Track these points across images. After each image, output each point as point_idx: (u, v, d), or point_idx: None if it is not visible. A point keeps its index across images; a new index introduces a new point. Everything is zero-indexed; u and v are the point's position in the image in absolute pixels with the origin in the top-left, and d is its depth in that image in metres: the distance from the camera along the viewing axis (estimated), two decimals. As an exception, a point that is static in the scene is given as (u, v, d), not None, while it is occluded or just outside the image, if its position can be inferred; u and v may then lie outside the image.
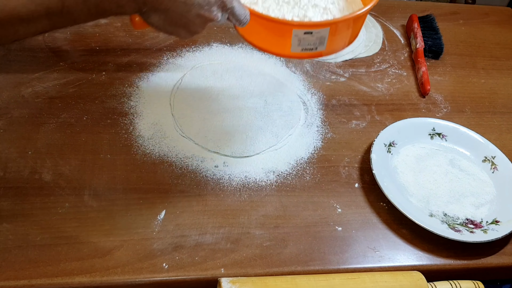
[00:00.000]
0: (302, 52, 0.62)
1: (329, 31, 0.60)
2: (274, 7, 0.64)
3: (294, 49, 0.61)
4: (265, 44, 0.64)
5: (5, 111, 0.76)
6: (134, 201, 0.68)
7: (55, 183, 0.68)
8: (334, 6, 0.66)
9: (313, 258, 0.65)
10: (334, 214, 0.71)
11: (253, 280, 0.57)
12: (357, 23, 0.66)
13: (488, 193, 0.77)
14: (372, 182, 0.75)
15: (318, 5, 0.65)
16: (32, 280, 0.58)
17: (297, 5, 0.64)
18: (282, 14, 0.63)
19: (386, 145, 0.80)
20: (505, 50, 1.10)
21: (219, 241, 0.65)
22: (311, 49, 0.62)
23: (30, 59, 0.86)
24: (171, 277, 0.61)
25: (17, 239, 0.62)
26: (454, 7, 1.24)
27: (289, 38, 0.60)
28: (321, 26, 0.60)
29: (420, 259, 0.68)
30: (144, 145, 0.75)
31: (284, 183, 0.74)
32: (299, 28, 0.59)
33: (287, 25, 0.60)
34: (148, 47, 0.93)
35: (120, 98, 0.82)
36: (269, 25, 0.61)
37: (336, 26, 0.62)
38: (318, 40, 0.61)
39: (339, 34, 0.63)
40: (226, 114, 0.81)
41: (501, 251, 0.70)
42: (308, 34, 0.59)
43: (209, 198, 0.70)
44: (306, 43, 0.60)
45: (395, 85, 0.95)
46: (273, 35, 0.62)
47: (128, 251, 0.63)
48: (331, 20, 0.63)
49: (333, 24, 0.62)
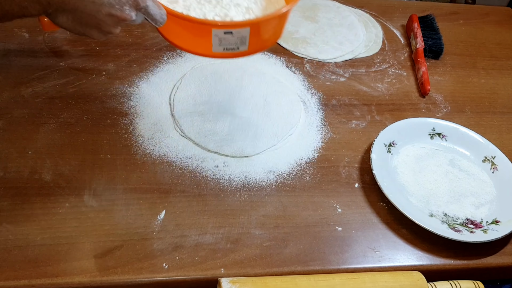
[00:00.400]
0: (224, 52, 0.59)
1: (249, 31, 0.58)
2: (195, 6, 0.62)
3: (216, 49, 0.59)
4: (187, 44, 0.62)
5: (5, 111, 0.76)
6: (134, 201, 0.68)
7: (55, 183, 0.68)
8: (256, 6, 0.64)
9: (313, 258, 0.65)
10: (334, 214, 0.71)
11: (253, 280, 0.57)
12: (278, 22, 0.64)
13: (488, 193, 0.77)
14: (372, 182, 0.75)
15: (240, 5, 0.63)
16: (32, 280, 0.58)
17: (219, 4, 0.63)
18: (203, 13, 0.61)
19: (386, 145, 0.80)
20: (505, 50, 1.10)
21: (219, 241, 0.65)
22: (233, 49, 0.60)
23: (30, 59, 0.86)
24: (171, 277, 0.61)
25: (17, 239, 0.62)
26: (454, 7, 1.24)
27: (209, 38, 0.57)
28: (241, 26, 0.58)
29: (420, 259, 0.68)
30: (144, 145, 0.75)
31: (284, 183, 0.74)
32: (219, 28, 0.57)
33: (206, 25, 0.58)
34: (148, 47, 0.93)
35: (120, 98, 0.82)
36: (189, 25, 0.58)
37: (257, 25, 0.60)
38: (240, 40, 0.59)
39: (260, 34, 0.62)
40: (226, 114, 0.81)
41: (501, 251, 0.70)
42: (228, 34, 0.57)
43: (209, 198, 0.70)
44: (227, 43, 0.58)
45: (395, 85, 0.96)
46: (193, 35, 0.60)
47: (128, 251, 0.63)
48: (251, 20, 0.61)
49: (254, 24, 0.60)
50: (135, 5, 0.53)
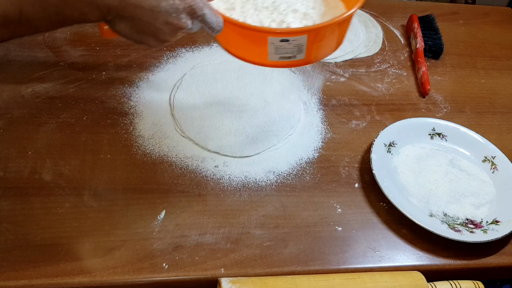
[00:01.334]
0: (280, 60, 0.57)
1: (307, 38, 0.56)
2: (252, 13, 0.61)
3: (272, 57, 0.57)
4: (242, 52, 0.60)
5: (5, 111, 0.76)
6: (134, 201, 0.68)
7: (55, 183, 0.68)
8: (314, 11, 0.62)
9: (313, 258, 0.65)
10: (334, 214, 0.71)
11: (253, 280, 0.57)
12: (339, 29, 0.61)
13: (488, 193, 0.77)
14: (372, 182, 0.75)
15: (298, 10, 0.61)
16: (32, 280, 0.58)
17: (276, 10, 0.61)
18: (260, 19, 0.60)
19: (386, 145, 0.80)
20: (505, 50, 1.10)
21: (219, 241, 0.65)
22: (290, 58, 0.57)
23: (30, 59, 0.86)
24: (171, 277, 0.61)
25: (17, 239, 0.62)
26: (454, 7, 1.24)
27: (265, 46, 0.56)
28: (298, 33, 0.55)
29: (420, 259, 0.68)
30: (144, 145, 0.75)
31: (284, 183, 0.74)
32: (275, 36, 0.55)
33: (262, 33, 0.56)
34: (148, 47, 0.93)
35: (120, 98, 0.82)
36: (244, 32, 0.56)
37: (315, 33, 0.57)
38: (296, 48, 0.56)
39: (319, 41, 0.59)
40: (226, 114, 0.81)
41: (501, 251, 0.70)
42: (284, 42, 0.55)
43: (209, 198, 0.70)
44: (283, 51, 0.56)
45: (395, 85, 0.96)
46: (249, 43, 0.58)
47: (128, 251, 0.63)
48: (308, 27, 0.58)
49: (311, 31, 0.57)
50: (192, 14, 0.53)
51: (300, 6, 0.62)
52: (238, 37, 0.58)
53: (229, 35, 0.57)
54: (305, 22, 0.61)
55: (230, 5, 0.61)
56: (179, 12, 0.51)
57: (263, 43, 0.55)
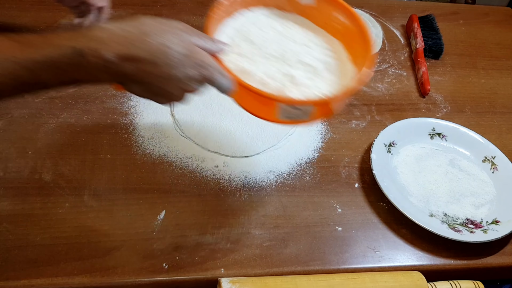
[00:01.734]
0: (287, 119, 0.60)
1: (313, 107, 0.59)
2: (260, 61, 0.62)
3: (279, 117, 0.60)
4: (252, 108, 0.62)
5: (5, 111, 0.76)
6: (134, 201, 0.68)
7: (55, 183, 0.68)
8: (323, 66, 0.63)
9: (313, 258, 0.65)
10: (334, 214, 0.71)
11: (253, 280, 0.57)
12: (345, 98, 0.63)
13: (488, 193, 0.77)
14: (372, 182, 0.75)
15: (306, 63, 0.62)
16: (32, 280, 0.58)
17: (285, 61, 0.62)
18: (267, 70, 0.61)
19: (386, 145, 0.80)
20: (505, 50, 1.10)
21: (219, 241, 0.65)
22: (296, 118, 0.60)
23: (30, 59, 0.86)
24: (171, 277, 0.61)
25: (17, 239, 0.62)
26: (454, 7, 1.24)
27: (274, 108, 0.58)
28: (306, 103, 0.59)
29: (420, 259, 0.68)
30: (144, 145, 0.75)
31: (284, 183, 0.74)
32: (284, 103, 0.58)
33: (271, 99, 0.58)
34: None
35: (120, 98, 0.82)
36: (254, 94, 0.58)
37: (322, 103, 0.60)
38: (303, 112, 0.59)
39: (324, 108, 0.61)
40: (226, 114, 0.81)
41: (501, 251, 0.70)
42: (292, 108, 0.58)
43: (209, 198, 0.70)
44: (292, 114, 0.59)
45: (395, 85, 0.95)
46: (259, 103, 0.60)
47: (128, 251, 0.63)
48: (315, 100, 0.60)
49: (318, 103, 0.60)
50: (202, 81, 0.55)
51: (308, 58, 0.64)
52: (249, 97, 0.60)
53: (240, 93, 0.60)
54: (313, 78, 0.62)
55: (240, 52, 0.63)
56: (190, 80, 0.53)
57: (272, 106, 0.58)
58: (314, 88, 0.61)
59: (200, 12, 1.03)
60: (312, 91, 0.60)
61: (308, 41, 0.67)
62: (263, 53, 0.63)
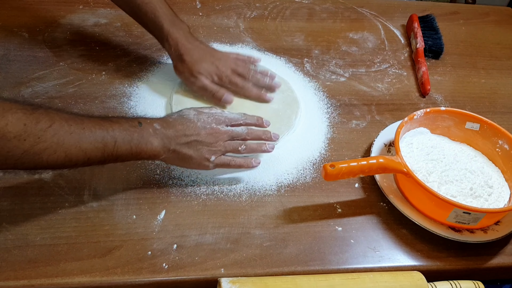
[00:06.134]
0: (455, 223, 0.69)
1: (485, 215, 0.67)
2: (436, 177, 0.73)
3: (449, 219, 0.68)
4: (423, 207, 0.70)
5: (5, 111, 0.76)
6: (134, 201, 0.68)
7: (55, 183, 0.68)
8: (492, 190, 0.74)
9: (313, 258, 0.65)
10: (334, 214, 0.71)
11: (253, 280, 0.57)
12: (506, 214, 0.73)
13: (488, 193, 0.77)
14: (372, 182, 0.75)
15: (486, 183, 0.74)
16: (32, 280, 0.58)
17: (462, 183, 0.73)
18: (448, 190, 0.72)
19: (386, 145, 0.80)
20: (505, 50, 1.10)
21: (219, 241, 0.65)
22: (465, 223, 0.68)
23: (30, 59, 0.86)
24: (171, 277, 0.61)
25: (17, 239, 0.62)
26: (454, 7, 1.24)
27: (448, 211, 0.67)
28: (479, 211, 0.67)
29: (420, 259, 0.68)
30: (144, 145, 0.75)
31: (284, 183, 0.74)
32: (460, 208, 0.66)
33: (448, 204, 0.66)
34: (148, 47, 0.93)
35: (120, 98, 0.82)
36: (433, 198, 0.67)
37: (494, 213, 0.69)
38: (473, 218, 0.67)
39: (492, 217, 0.70)
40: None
41: (501, 251, 0.70)
42: (466, 213, 0.66)
43: (209, 198, 0.70)
44: (461, 218, 0.67)
45: (395, 85, 0.95)
46: (434, 205, 0.69)
47: (128, 251, 0.63)
48: (489, 209, 0.70)
49: (490, 212, 0.69)
50: (215, 165, 0.70)
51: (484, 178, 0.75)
52: (427, 199, 0.69)
53: (417, 193, 0.70)
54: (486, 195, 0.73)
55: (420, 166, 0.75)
56: (207, 165, 0.69)
57: (449, 210, 0.67)
58: (489, 202, 0.72)
59: (200, 12, 1.03)
60: (488, 203, 0.71)
61: (481, 164, 0.78)
62: (443, 176, 0.74)
